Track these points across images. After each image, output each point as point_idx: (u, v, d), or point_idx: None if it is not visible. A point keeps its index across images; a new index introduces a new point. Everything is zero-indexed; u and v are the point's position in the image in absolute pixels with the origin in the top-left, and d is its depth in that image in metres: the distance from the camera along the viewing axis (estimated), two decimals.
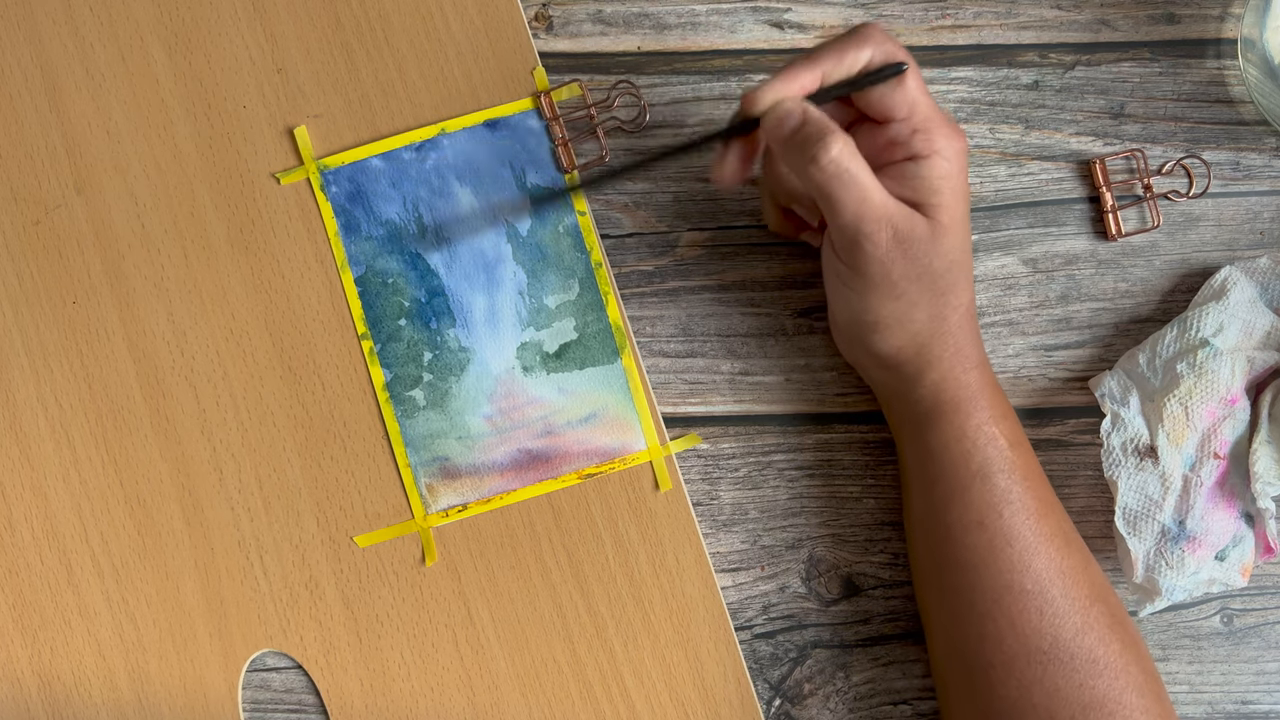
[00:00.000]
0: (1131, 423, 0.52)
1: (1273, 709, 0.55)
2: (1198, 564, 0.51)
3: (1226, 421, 0.51)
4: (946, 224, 0.47)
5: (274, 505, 0.55)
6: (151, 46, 0.55)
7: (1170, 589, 0.52)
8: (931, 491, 0.50)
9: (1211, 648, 0.55)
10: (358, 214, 0.55)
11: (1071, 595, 0.48)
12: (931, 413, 0.49)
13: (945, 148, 0.46)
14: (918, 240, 0.46)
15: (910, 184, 0.46)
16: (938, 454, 0.49)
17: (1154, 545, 0.52)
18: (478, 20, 0.55)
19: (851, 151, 0.45)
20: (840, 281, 0.49)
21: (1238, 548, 0.52)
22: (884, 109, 0.47)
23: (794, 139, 0.46)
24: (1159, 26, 0.56)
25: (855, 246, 0.46)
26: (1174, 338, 0.52)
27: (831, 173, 0.45)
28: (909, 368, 0.49)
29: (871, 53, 0.46)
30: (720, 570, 0.55)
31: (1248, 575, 0.52)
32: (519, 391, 0.55)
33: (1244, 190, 0.55)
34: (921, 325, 0.48)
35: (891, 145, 0.47)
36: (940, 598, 0.50)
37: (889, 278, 0.47)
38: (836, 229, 0.46)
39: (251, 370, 0.55)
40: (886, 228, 0.46)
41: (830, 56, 0.47)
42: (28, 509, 0.55)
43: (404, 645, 0.54)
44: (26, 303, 0.55)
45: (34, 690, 0.55)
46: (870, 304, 0.48)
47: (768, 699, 0.55)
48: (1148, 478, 0.52)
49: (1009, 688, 0.47)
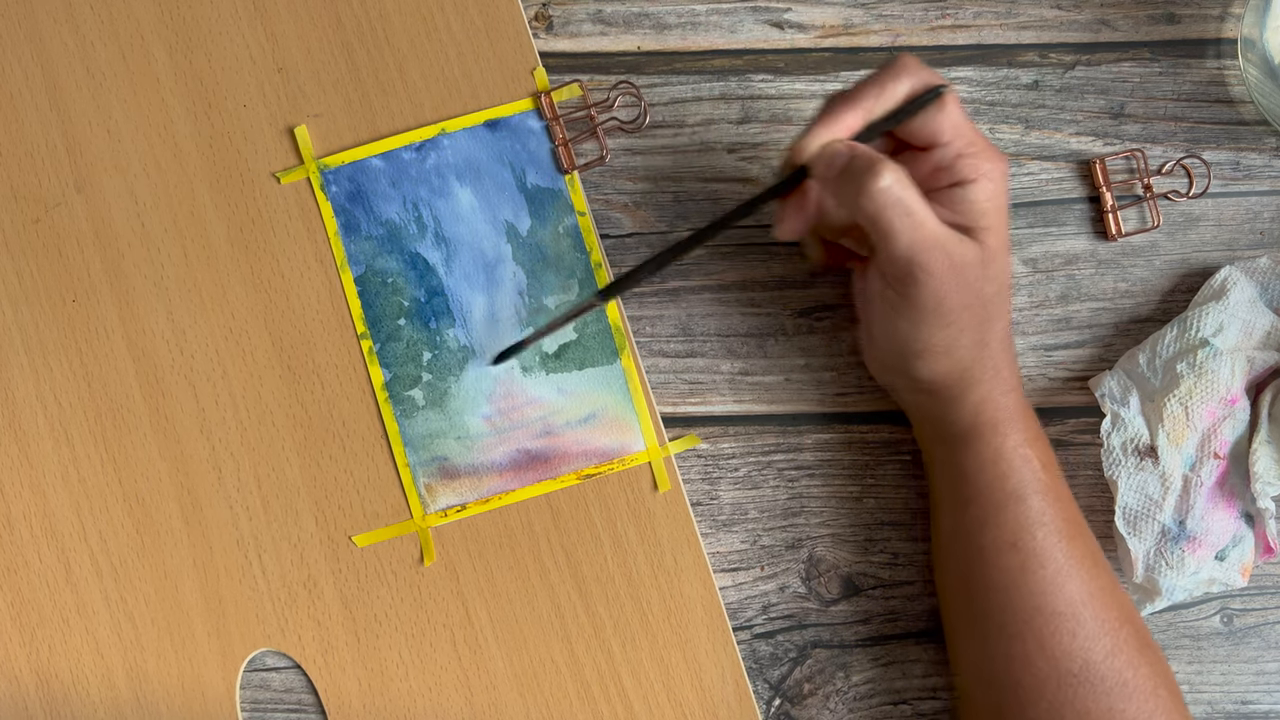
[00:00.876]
0: (1131, 423, 0.52)
1: (1273, 709, 0.55)
2: (1198, 564, 0.51)
3: (1226, 422, 0.51)
4: (995, 248, 0.46)
5: (273, 504, 0.55)
6: (152, 45, 0.55)
7: (1170, 589, 0.51)
8: (965, 512, 0.49)
9: (1211, 648, 0.55)
10: (358, 214, 0.55)
11: (1102, 618, 0.48)
12: (968, 434, 0.49)
13: (990, 171, 0.46)
14: (970, 266, 0.46)
15: (958, 209, 0.46)
16: (973, 475, 0.49)
17: (1154, 545, 0.52)
18: (478, 20, 0.55)
19: (903, 179, 0.44)
20: (889, 310, 0.48)
21: (1238, 547, 0.52)
22: (927, 135, 0.46)
23: (844, 173, 0.45)
24: (1159, 26, 0.56)
25: (910, 276, 0.45)
26: (1174, 338, 0.52)
27: (883, 202, 0.44)
28: (949, 391, 0.49)
29: (910, 83, 0.46)
30: (720, 570, 0.55)
31: (1248, 575, 0.52)
32: (518, 392, 0.55)
33: (1244, 190, 0.55)
34: (965, 350, 0.48)
35: (936, 171, 0.47)
36: (969, 618, 0.50)
37: (942, 306, 0.46)
38: (889, 259, 0.45)
39: (251, 369, 0.55)
40: (941, 255, 0.45)
41: (870, 93, 0.46)
42: (26, 507, 0.55)
43: (402, 645, 0.54)
44: (26, 301, 0.55)
45: (32, 688, 0.55)
46: (920, 333, 0.47)
47: (768, 699, 0.55)
48: (1148, 478, 0.52)
49: (1038, 709, 0.47)
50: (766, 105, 0.56)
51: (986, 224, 0.46)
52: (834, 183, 0.46)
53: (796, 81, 0.56)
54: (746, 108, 0.56)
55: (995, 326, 0.48)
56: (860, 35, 0.56)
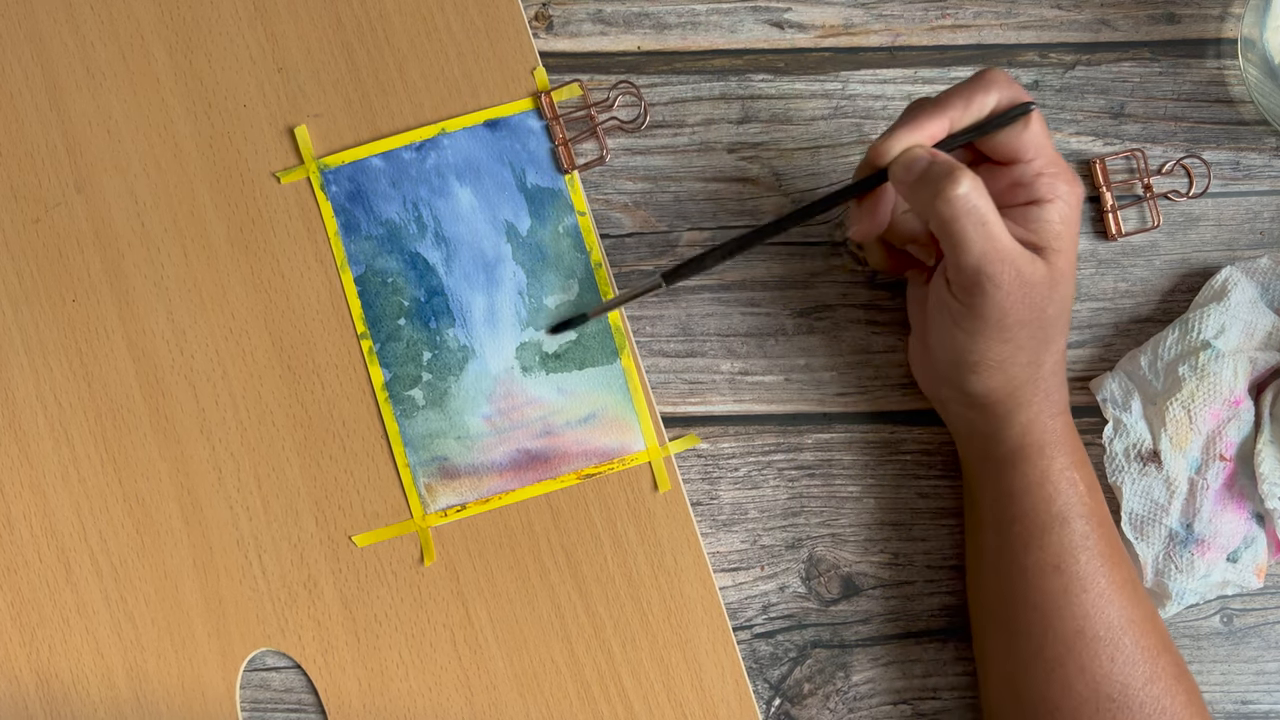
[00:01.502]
0: (1134, 428, 0.52)
1: (1273, 709, 0.55)
2: (1208, 566, 0.51)
3: (1231, 423, 0.51)
4: (1063, 270, 0.46)
5: (273, 504, 0.55)
6: (152, 45, 0.55)
7: (1181, 592, 0.51)
8: (1008, 532, 0.49)
9: (1211, 648, 0.55)
10: (358, 213, 0.55)
11: (1142, 644, 0.48)
12: (1015, 454, 0.49)
13: (1067, 194, 0.46)
14: (1037, 285, 0.46)
15: (1032, 228, 0.46)
16: (1019, 495, 0.49)
17: (1162, 550, 0.52)
18: (478, 20, 0.55)
19: (980, 190, 0.44)
20: (950, 320, 0.47)
21: (1250, 549, 0.52)
22: (1010, 151, 0.47)
23: (922, 178, 0.45)
24: (1159, 26, 0.56)
25: (976, 286, 0.45)
26: (1175, 340, 0.52)
27: (960, 209, 0.44)
28: (999, 409, 0.49)
29: (997, 97, 0.46)
30: (720, 570, 0.55)
31: (1263, 576, 0.52)
32: (518, 392, 0.55)
33: (1244, 190, 0.55)
34: (1020, 369, 0.48)
35: (1014, 188, 0.47)
36: (1007, 638, 0.50)
37: (1004, 320, 0.46)
38: (957, 268, 0.46)
39: (251, 369, 0.55)
40: (1010, 269, 0.45)
41: (956, 103, 0.46)
42: (26, 507, 0.55)
43: (402, 645, 0.54)
44: (26, 301, 0.55)
45: (32, 688, 0.55)
46: (978, 345, 0.47)
47: (768, 699, 0.55)
48: (1152, 483, 0.52)
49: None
50: (766, 105, 0.56)
51: (1058, 246, 0.46)
52: (912, 187, 0.46)
53: (796, 81, 0.56)
54: (746, 108, 0.56)
55: (1052, 348, 0.48)
56: (860, 35, 0.56)
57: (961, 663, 0.55)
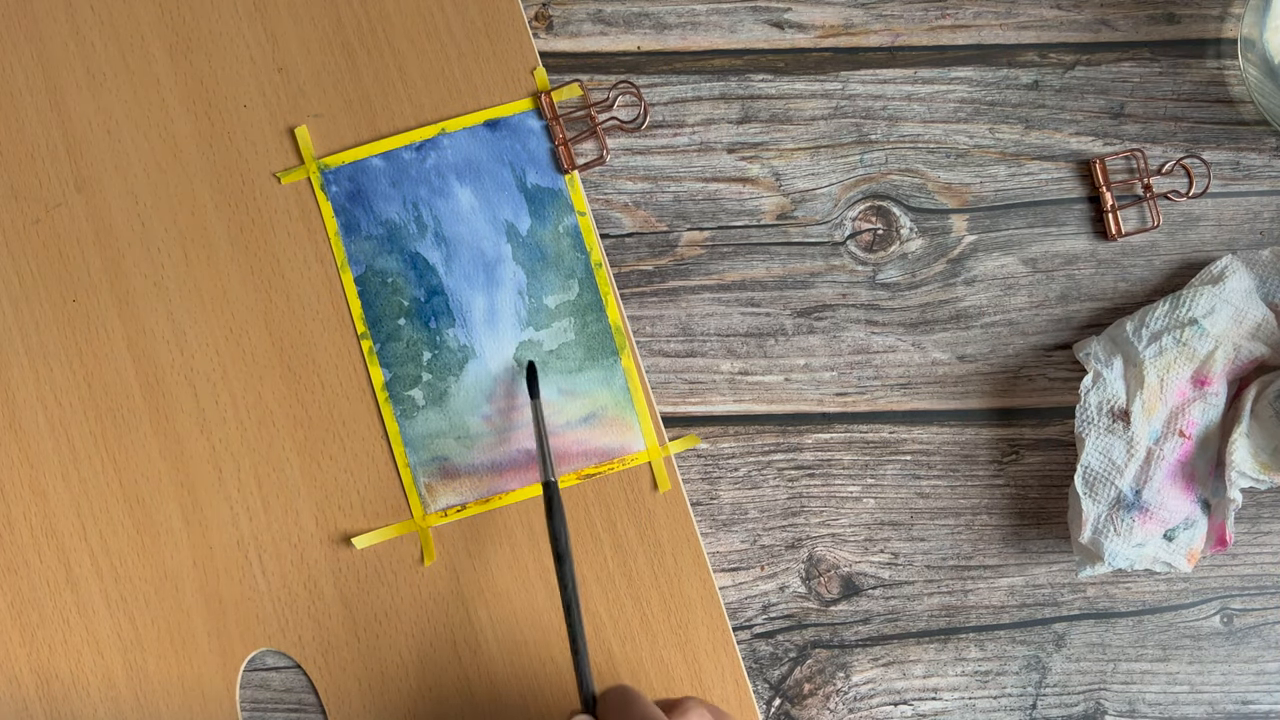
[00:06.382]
0: (1113, 384, 0.52)
1: (1273, 709, 0.55)
2: (1145, 536, 0.51)
3: (1196, 403, 0.52)
4: None
5: (273, 504, 0.55)
6: (152, 46, 0.55)
7: (1113, 554, 0.51)
8: None
9: (1211, 648, 0.55)
10: (358, 213, 0.55)
11: None
12: None
13: None
14: None
15: None
16: None
17: (1107, 510, 0.52)
18: (478, 20, 0.55)
19: None
20: None
21: (1188, 531, 0.52)
22: None
23: None
24: (1159, 26, 0.56)
25: None
26: (1164, 312, 0.52)
27: None
28: None
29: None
30: (720, 570, 0.55)
31: (1194, 562, 0.52)
32: (518, 392, 0.55)
33: (1244, 190, 0.55)
34: None
35: None
36: None
37: None
38: None
39: (251, 369, 0.55)
40: None
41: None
42: (26, 507, 0.55)
43: (402, 645, 0.54)
44: (26, 301, 0.55)
45: (32, 688, 0.55)
46: None
47: (768, 699, 0.55)
48: (1115, 441, 0.52)
49: None
50: (766, 105, 0.56)
51: None
52: None
53: (796, 81, 0.56)
54: (746, 108, 0.56)
55: None
56: (860, 35, 0.56)
57: (961, 663, 0.55)
